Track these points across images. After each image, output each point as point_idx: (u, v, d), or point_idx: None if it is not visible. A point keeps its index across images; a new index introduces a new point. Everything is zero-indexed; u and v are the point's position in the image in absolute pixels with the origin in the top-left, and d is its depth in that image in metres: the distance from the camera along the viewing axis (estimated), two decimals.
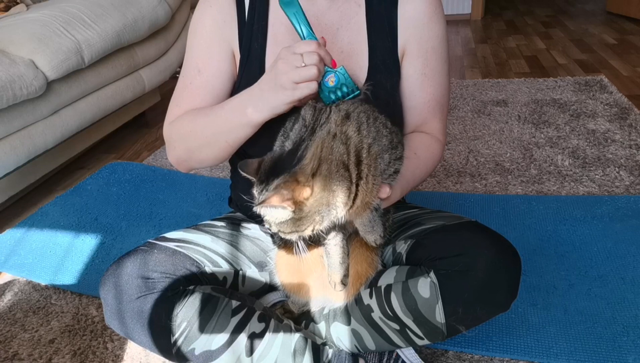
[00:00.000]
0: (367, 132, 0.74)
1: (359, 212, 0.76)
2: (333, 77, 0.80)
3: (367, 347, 0.92)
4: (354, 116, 0.75)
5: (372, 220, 0.79)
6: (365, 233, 0.82)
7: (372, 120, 0.77)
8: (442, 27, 1.00)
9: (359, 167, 0.73)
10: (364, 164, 0.73)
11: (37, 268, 1.42)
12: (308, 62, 0.77)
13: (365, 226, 0.80)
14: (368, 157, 0.73)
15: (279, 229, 0.74)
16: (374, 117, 0.78)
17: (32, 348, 1.16)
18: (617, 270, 1.23)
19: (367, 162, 0.73)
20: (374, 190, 0.75)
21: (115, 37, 2.02)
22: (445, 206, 1.56)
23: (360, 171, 0.73)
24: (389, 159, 0.77)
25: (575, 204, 1.51)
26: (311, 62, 0.77)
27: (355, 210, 0.75)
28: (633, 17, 3.70)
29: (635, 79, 2.57)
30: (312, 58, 0.77)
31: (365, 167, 0.73)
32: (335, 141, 0.72)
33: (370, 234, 0.82)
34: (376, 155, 0.74)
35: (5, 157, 1.63)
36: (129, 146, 2.32)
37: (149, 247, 0.92)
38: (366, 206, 0.76)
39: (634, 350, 1.01)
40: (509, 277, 0.85)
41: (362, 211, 0.76)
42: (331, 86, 0.81)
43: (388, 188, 0.77)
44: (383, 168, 0.75)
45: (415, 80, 0.99)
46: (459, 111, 2.34)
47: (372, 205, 0.76)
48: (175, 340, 0.86)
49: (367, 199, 0.74)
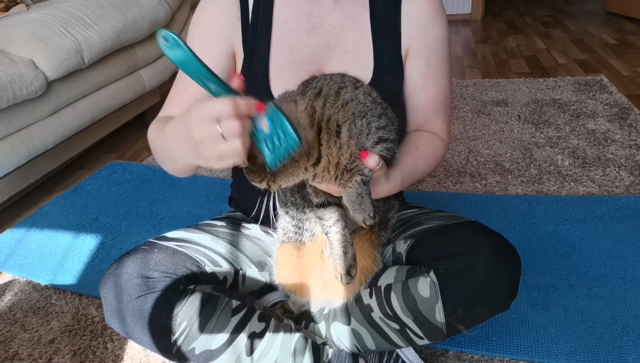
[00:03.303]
0: (330, 104, 0.73)
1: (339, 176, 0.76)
2: (266, 122, 0.64)
3: (367, 346, 0.92)
4: (323, 93, 0.74)
5: (360, 195, 0.76)
6: (353, 211, 0.77)
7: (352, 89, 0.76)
8: (445, 28, 1.00)
9: (320, 135, 0.73)
10: (323, 133, 0.73)
11: (37, 268, 1.42)
12: (228, 133, 0.62)
13: (353, 202, 0.76)
14: (327, 126, 0.73)
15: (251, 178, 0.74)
16: (354, 86, 0.77)
17: (32, 348, 1.16)
18: (617, 270, 1.23)
19: (326, 130, 0.73)
20: (346, 154, 0.74)
21: (115, 37, 2.02)
22: (445, 206, 1.56)
23: (320, 138, 0.73)
24: (366, 125, 0.74)
25: (575, 204, 1.51)
26: (232, 134, 0.62)
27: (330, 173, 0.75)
28: (633, 17, 3.70)
29: (635, 79, 2.57)
30: (231, 127, 0.62)
31: (325, 134, 0.73)
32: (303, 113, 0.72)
33: (358, 212, 0.77)
34: (341, 122, 0.73)
35: (5, 157, 1.63)
36: (129, 146, 2.32)
37: (149, 246, 0.93)
38: (347, 172, 0.75)
39: (634, 350, 1.01)
40: (508, 277, 0.85)
41: (341, 175, 0.75)
42: (267, 134, 0.64)
43: (377, 156, 0.74)
44: (356, 133, 0.74)
45: (419, 81, 0.99)
46: (459, 111, 2.34)
47: (355, 172, 0.75)
48: (176, 339, 0.86)
49: (340, 162, 0.74)
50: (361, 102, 0.75)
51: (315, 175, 0.75)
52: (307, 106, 0.73)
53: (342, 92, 0.75)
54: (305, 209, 0.90)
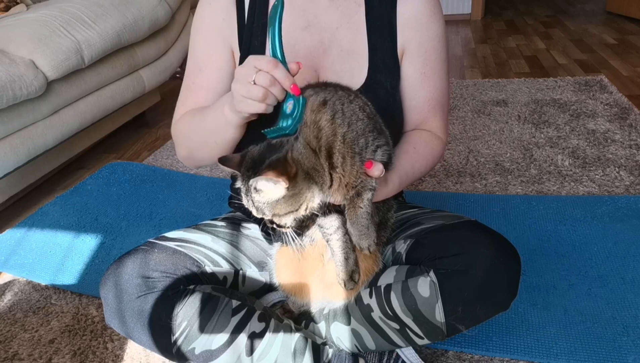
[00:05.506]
0: (341, 120, 0.74)
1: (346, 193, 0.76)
2: (291, 105, 0.74)
3: (367, 346, 0.92)
4: (330, 105, 0.74)
5: (369, 214, 0.77)
6: (359, 237, 0.79)
7: (347, 104, 0.76)
8: (441, 26, 1.00)
9: (330, 159, 0.73)
10: (336, 155, 0.73)
11: (37, 268, 1.42)
12: (258, 81, 0.73)
13: (361, 226, 0.78)
14: (343, 146, 0.73)
15: (274, 212, 0.73)
16: (349, 100, 0.77)
17: (32, 348, 1.16)
18: (617, 270, 1.23)
19: (341, 151, 0.73)
20: (353, 172, 0.75)
21: (115, 37, 2.02)
22: (445, 206, 1.56)
23: (332, 162, 0.73)
24: (364, 143, 0.75)
25: (575, 204, 1.51)
26: (261, 83, 0.73)
27: (341, 192, 0.76)
28: (633, 17, 3.70)
29: (635, 79, 2.57)
30: (264, 79, 0.73)
31: (340, 156, 0.73)
32: (308, 129, 0.73)
33: (365, 238, 0.79)
34: (352, 141, 0.74)
35: (5, 157, 1.63)
36: (129, 146, 2.32)
37: (149, 247, 0.93)
38: (352, 188, 0.76)
39: (634, 350, 1.01)
40: (508, 277, 0.85)
41: (348, 192, 0.76)
42: (288, 113, 0.74)
43: (381, 165, 0.75)
44: (358, 151, 0.75)
45: (415, 79, 0.99)
46: (459, 111, 2.34)
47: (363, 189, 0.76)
48: (176, 339, 0.86)
49: (349, 181, 0.75)
50: (360, 119, 0.76)
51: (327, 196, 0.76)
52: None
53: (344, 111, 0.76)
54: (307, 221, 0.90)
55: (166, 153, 2.15)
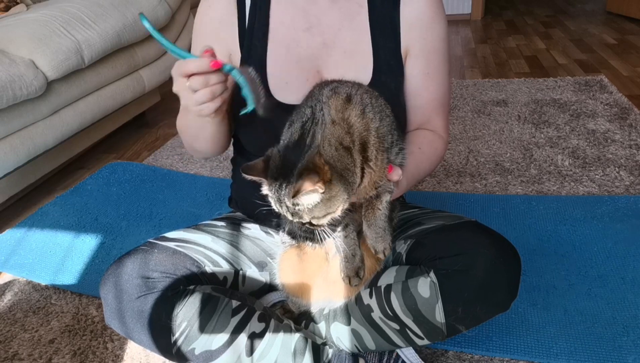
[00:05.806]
0: (372, 114, 0.74)
1: (369, 192, 0.76)
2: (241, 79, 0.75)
3: (367, 346, 0.92)
4: (356, 99, 0.74)
5: (387, 217, 0.78)
6: (375, 240, 0.82)
7: (375, 99, 0.77)
8: (444, 27, 1.00)
9: (365, 153, 0.73)
10: (371, 149, 0.73)
11: (37, 268, 1.42)
12: (196, 87, 0.75)
13: (378, 228, 0.79)
14: (377, 140, 0.73)
15: (312, 216, 0.72)
16: (375, 96, 0.78)
17: (32, 348, 1.16)
18: (617, 270, 1.23)
19: (375, 145, 0.73)
20: (382, 168, 0.75)
21: (115, 37, 2.02)
22: (445, 206, 1.56)
23: (366, 156, 0.73)
24: (391, 141, 0.77)
25: (575, 204, 1.51)
26: (198, 87, 0.75)
27: (366, 190, 0.75)
28: (633, 17, 3.69)
29: (635, 79, 2.57)
30: (197, 83, 0.74)
31: (374, 149, 0.73)
32: (336, 127, 0.72)
33: (381, 240, 0.81)
34: (383, 136, 0.74)
35: (5, 157, 1.63)
36: (129, 146, 2.32)
37: (149, 247, 0.93)
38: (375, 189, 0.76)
39: (634, 350, 1.01)
40: (508, 277, 0.85)
41: (371, 190, 0.76)
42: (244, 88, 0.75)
43: (400, 170, 0.76)
44: (387, 147, 0.76)
45: (419, 80, 0.99)
46: (459, 111, 2.34)
47: (383, 191, 0.76)
48: (176, 339, 0.86)
49: (376, 178, 0.75)
50: (387, 116, 0.77)
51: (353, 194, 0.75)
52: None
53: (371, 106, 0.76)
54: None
55: (166, 153, 2.15)
